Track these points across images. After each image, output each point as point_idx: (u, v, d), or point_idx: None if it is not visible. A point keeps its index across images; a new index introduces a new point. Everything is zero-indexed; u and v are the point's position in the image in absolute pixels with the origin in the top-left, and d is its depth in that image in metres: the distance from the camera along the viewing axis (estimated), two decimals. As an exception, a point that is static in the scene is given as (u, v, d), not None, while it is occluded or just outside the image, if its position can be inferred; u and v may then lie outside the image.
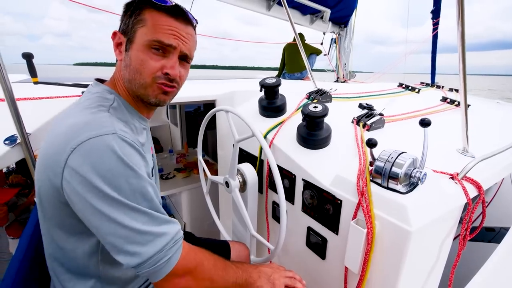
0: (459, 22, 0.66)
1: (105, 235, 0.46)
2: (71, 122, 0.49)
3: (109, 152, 0.45)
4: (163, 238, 0.49)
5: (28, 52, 1.13)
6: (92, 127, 0.47)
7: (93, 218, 0.46)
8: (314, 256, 0.85)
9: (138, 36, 0.54)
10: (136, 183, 0.48)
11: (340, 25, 2.92)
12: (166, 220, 0.51)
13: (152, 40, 0.53)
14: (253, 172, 0.99)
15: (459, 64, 0.72)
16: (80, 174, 0.44)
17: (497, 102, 1.83)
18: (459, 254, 0.71)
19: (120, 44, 0.57)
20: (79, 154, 0.44)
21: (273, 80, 1.08)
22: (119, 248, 0.47)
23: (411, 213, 0.59)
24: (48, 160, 0.48)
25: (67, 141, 0.46)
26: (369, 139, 0.66)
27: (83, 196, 0.45)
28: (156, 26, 0.53)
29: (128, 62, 0.55)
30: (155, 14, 0.54)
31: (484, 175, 0.75)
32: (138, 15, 0.54)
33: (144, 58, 0.54)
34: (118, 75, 0.59)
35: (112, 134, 0.47)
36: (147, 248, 0.47)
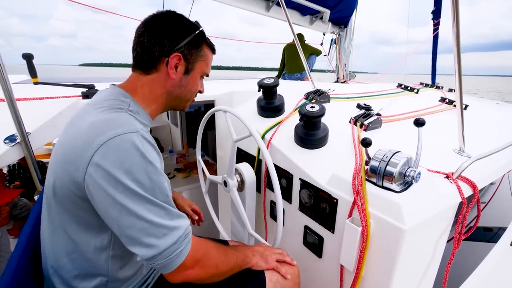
0: (454, 23, 0.67)
1: (123, 227, 0.49)
2: (94, 120, 0.53)
3: (133, 149, 0.49)
4: (177, 231, 0.52)
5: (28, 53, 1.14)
6: (117, 125, 0.51)
7: (112, 210, 0.49)
8: (310, 255, 0.86)
9: (198, 67, 0.68)
10: (156, 178, 0.51)
11: (340, 26, 2.93)
12: (178, 214, 0.55)
13: (206, 74, 0.72)
14: (251, 171, 1.00)
15: (454, 64, 0.72)
16: (104, 169, 0.47)
17: (496, 103, 1.83)
18: (454, 253, 0.72)
19: (177, 66, 0.65)
20: (105, 151, 0.48)
21: (271, 80, 1.09)
22: (136, 240, 0.49)
23: (405, 212, 0.60)
24: (70, 156, 0.50)
25: (93, 138, 0.49)
26: (363, 139, 0.67)
27: (105, 189, 0.48)
28: (209, 64, 0.72)
29: (184, 84, 0.68)
30: (209, 52, 0.70)
31: (479, 175, 0.75)
32: (199, 50, 0.67)
33: (197, 84, 0.71)
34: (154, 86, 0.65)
35: (135, 133, 0.51)
36: (163, 240, 0.50)
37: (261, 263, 0.72)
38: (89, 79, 1.67)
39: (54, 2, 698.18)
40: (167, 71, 0.64)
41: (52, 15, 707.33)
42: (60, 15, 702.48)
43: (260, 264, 0.72)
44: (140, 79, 0.65)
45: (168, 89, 0.66)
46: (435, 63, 2.93)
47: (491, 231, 1.41)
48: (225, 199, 1.38)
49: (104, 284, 0.60)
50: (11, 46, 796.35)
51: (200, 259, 0.57)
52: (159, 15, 0.64)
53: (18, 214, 1.51)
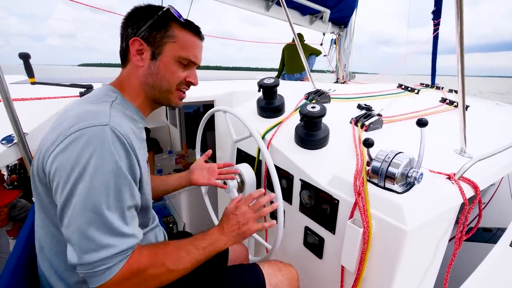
0: (457, 23, 0.66)
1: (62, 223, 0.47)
2: (72, 114, 0.51)
3: (96, 144, 0.46)
4: (108, 250, 0.46)
5: (25, 52, 1.13)
6: (89, 117, 0.48)
7: (59, 205, 0.47)
8: (311, 256, 0.86)
9: (168, 50, 0.60)
10: (113, 182, 0.47)
11: (340, 26, 2.92)
12: (121, 233, 0.48)
13: (183, 57, 0.62)
14: (251, 172, 1.00)
15: (457, 65, 0.72)
16: (60, 162, 0.46)
17: (496, 103, 1.83)
18: (455, 254, 0.71)
19: (141, 52, 0.60)
20: (68, 143, 0.46)
21: (271, 80, 1.08)
22: (67, 239, 0.47)
23: (407, 213, 0.60)
24: (43, 148, 0.50)
25: (63, 131, 0.48)
26: (366, 139, 0.66)
27: (57, 182, 0.46)
28: (186, 45, 0.62)
29: (155, 71, 0.61)
30: (183, 32, 0.61)
31: (481, 176, 0.75)
32: (166, 30, 0.60)
33: (173, 70, 0.62)
34: (130, 78, 0.62)
35: (105, 126, 0.48)
36: (87, 255, 0.46)
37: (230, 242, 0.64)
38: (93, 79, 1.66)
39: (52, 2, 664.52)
40: (133, 61, 0.61)
41: (51, 15, 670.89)
42: (59, 15, 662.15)
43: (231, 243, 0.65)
44: (122, 74, 0.64)
45: (141, 79, 0.62)
46: (435, 64, 2.93)
47: (490, 232, 1.40)
48: (225, 200, 1.38)
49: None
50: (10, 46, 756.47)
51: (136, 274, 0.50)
52: (132, 9, 0.62)
53: (17, 215, 1.50)
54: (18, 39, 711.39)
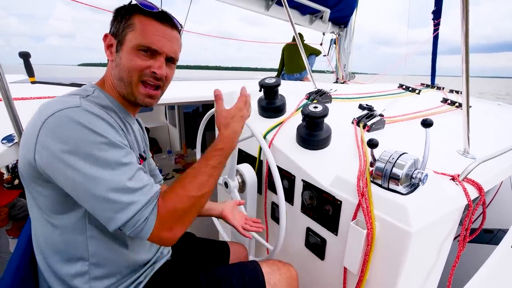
0: (463, 23, 0.66)
1: (82, 203, 0.49)
2: (43, 106, 0.52)
3: (73, 123, 0.48)
4: (134, 206, 0.49)
5: (25, 51, 1.11)
6: (59, 104, 0.50)
7: (69, 187, 0.49)
8: (313, 257, 0.85)
9: (128, 39, 0.58)
10: (108, 149, 0.49)
11: (340, 26, 2.92)
12: (139, 187, 0.51)
13: (140, 45, 0.58)
14: (252, 172, 0.99)
15: (462, 65, 0.71)
16: (50, 148, 0.47)
17: (498, 104, 1.83)
18: (459, 256, 0.71)
19: (111, 46, 0.61)
20: (47, 128, 0.47)
21: (272, 80, 1.07)
22: (96, 213, 0.49)
23: (411, 214, 0.59)
24: (23, 140, 0.51)
25: (38, 119, 0.49)
26: (370, 140, 0.65)
27: (56, 167, 0.47)
28: (144, 31, 0.58)
29: (118, 62, 0.59)
30: (143, 19, 0.58)
31: (484, 177, 0.74)
32: (128, 20, 0.58)
33: (132, 58, 0.58)
34: (107, 75, 0.63)
35: (77, 107, 0.50)
36: (120, 214, 0.48)
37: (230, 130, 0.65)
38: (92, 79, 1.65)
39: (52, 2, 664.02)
40: (106, 55, 0.62)
41: (50, 15, 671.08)
42: (59, 15, 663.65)
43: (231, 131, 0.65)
44: (104, 76, 0.64)
45: (111, 74, 0.61)
46: (435, 64, 2.93)
47: (491, 233, 1.40)
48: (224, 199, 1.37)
49: (85, 271, 0.58)
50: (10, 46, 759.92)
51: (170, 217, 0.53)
52: None
53: (16, 214, 1.48)
54: (18, 39, 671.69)
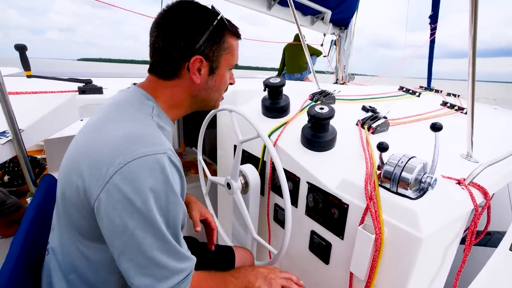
0: (471, 27, 0.65)
1: (125, 260, 0.45)
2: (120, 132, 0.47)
3: (159, 174, 0.44)
4: (179, 276, 0.48)
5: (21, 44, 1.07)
6: (145, 143, 0.46)
7: (118, 238, 0.44)
8: (317, 261, 0.84)
9: (224, 62, 0.59)
10: (174, 211, 0.47)
11: (341, 27, 2.92)
12: (186, 256, 0.50)
13: (233, 65, 0.61)
14: (255, 173, 0.97)
15: (468, 69, 0.71)
16: (123, 192, 0.43)
17: (494, 108, 1.85)
18: (464, 260, 0.70)
19: (200, 69, 0.57)
20: (128, 171, 0.43)
21: (277, 80, 1.06)
22: (133, 275, 0.45)
23: (421, 220, 0.58)
24: (89, 167, 0.45)
25: (118, 154, 0.44)
26: (380, 143, 0.64)
27: (119, 214, 0.43)
28: (235, 52, 0.61)
29: (212, 85, 0.60)
30: (234, 41, 0.60)
31: (489, 181, 0.74)
32: (223, 43, 0.57)
33: (226, 79, 0.62)
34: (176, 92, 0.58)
35: (163, 154, 0.46)
36: (161, 283, 0.45)
37: (264, 286, 0.65)
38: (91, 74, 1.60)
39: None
40: (190, 77, 0.56)
41: (50, 8, 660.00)
42: (59, 9, 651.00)
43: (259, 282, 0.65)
44: (160, 83, 0.58)
45: (192, 94, 0.60)
46: (431, 67, 2.97)
47: (489, 235, 1.42)
48: (225, 200, 1.35)
49: None
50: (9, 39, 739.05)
51: None
52: (170, 11, 0.54)
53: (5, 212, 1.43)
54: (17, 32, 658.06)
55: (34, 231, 0.62)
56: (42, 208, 0.67)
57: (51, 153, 1.75)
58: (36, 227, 0.64)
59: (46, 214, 0.68)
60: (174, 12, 0.54)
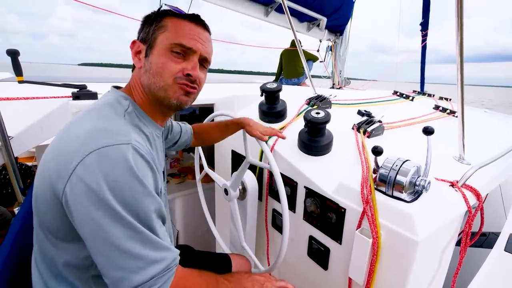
0: (458, 34, 0.67)
1: (96, 252, 0.44)
2: (87, 128, 0.47)
3: (121, 163, 0.43)
4: (156, 266, 0.45)
5: (14, 49, 1.06)
6: (109, 135, 0.46)
7: (89, 230, 0.43)
8: (315, 266, 0.83)
9: (159, 41, 0.55)
10: (143, 201, 0.45)
11: (336, 33, 2.98)
12: (164, 246, 0.48)
13: (173, 44, 0.54)
14: (253, 179, 0.97)
15: (457, 74, 0.72)
16: (87, 183, 0.42)
17: (484, 111, 1.89)
18: (461, 262, 0.71)
19: (139, 52, 0.57)
20: (90, 162, 0.42)
21: (274, 85, 1.07)
22: (106, 270, 0.44)
23: (417, 222, 0.58)
24: (56, 163, 0.45)
25: (81, 147, 0.44)
26: (375, 147, 0.65)
27: (84, 205, 0.42)
28: (178, 30, 0.55)
29: (148, 67, 0.56)
30: (176, 20, 0.56)
31: (481, 183, 0.75)
32: (159, 22, 0.56)
33: (164, 61, 0.54)
34: (135, 82, 0.59)
35: (127, 144, 0.45)
36: (136, 276, 0.43)
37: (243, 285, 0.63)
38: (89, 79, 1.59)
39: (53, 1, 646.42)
40: (134, 63, 0.59)
41: (51, 14, 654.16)
42: (60, 14, 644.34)
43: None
44: (130, 79, 0.60)
45: (141, 81, 0.58)
46: (424, 72, 3.04)
47: (484, 236, 1.42)
48: (223, 208, 1.34)
49: None
50: (9, 44, 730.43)
51: None
52: None
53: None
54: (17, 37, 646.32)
55: (21, 243, 0.60)
56: (30, 218, 0.66)
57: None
58: (24, 238, 0.61)
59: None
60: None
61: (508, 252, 0.75)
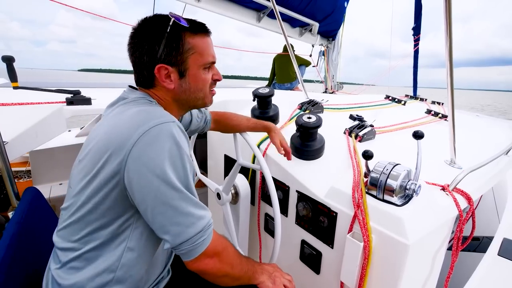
0: (447, 40, 0.69)
1: (156, 214, 0.52)
2: (133, 112, 0.55)
3: (171, 138, 0.52)
4: (202, 221, 0.55)
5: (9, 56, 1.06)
6: (157, 116, 0.54)
7: (149, 197, 0.51)
8: (308, 271, 0.83)
9: (191, 63, 0.61)
10: (188, 168, 0.54)
11: (328, 38, 3.02)
12: (202, 205, 0.57)
13: (205, 63, 0.63)
14: (246, 184, 0.97)
15: (447, 79, 0.74)
16: (146, 157, 0.50)
17: (476, 115, 1.93)
18: (452, 266, 0.71)
19: (168, 76, 0.61)
20: (147, 139, 0.50)
21: (266, 90, 1.07)
22: (167, 228, 0.52)
23: (408, 226, 0.59)
24: (112, 146, 0.51)
25: (136, 127, 0.51)
26: (365, 151, 0.66)
27: (146, 176, 0.50)
28: (204, 49, 0.62)
29: (187, 87, 0.63)
30: (196, 39, 0.61)
31: (472, 187, 0.77)
32: (182, 45, 0.59)
33: (202, 78, 0.64)
34: (162, 97, 0.64)
35: (173, 122, 0.54)
36: (190, 229, 0.53)
37: (268, 282, 0.68)
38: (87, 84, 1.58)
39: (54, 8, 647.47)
40: (162, 85, 0.61)
41: (52, 21, 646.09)
42: (60, 21, 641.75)
43: (267, 284, 0.67)
44: (148, 91, 0.64)
45: (174, 98, 0.64)
46: (416, 76, 3.10)
47: (478, 240, 1.44)
48: (216, 213, 1.32)
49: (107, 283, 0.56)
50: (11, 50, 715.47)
51: (220, 252, 0.59)
52: (134, 30, 0.59)
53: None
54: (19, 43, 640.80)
55: (16, 247, 0.59)
56: (24, 222, 0.65)
57: (36, 165, 1.69)
58: (19, 242, 0.61)
59: (29, 228, 0.65)
60: (136, 30, 0.59)
61: (501, 256, 0.76)
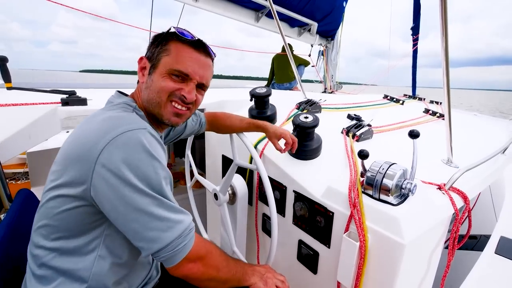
0: (443, 40, 0.69)
1: (129, 221, 0.51)
2: (103, 118, 0.54)
3: (139, 145, 0.51)
4: (181, 225, 0.54)
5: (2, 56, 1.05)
6: (126, 123, 0.53)
7: (120, 206, 0.50)
8: (305, 271, 0.83)
9: (162, 63, 0.61)
10: (160, 174, 0.53)
11: (327, 38, 3.02)
12: (181, 210, 0.56)
13: (174, 69, 0.60)
14: (243, 184, 0.97)
15: (443, 78, 0.74)
16: (112, 167, 0.48)
17: (474, 115, 1.93)
18: (449, 265, 0.71)
19: (144, 69, 0.63)
20: (114, 146, 0.49)
21: (263, 90, 1.07)
22: (141, 234, 0.51)
23: (403, 226, 0.59)
24: (79, 153, 0.50)
25: (102, 135, 0.50)
26: (361, 150, 0.66)
27: (113, 186, 0.49)
28: (179, 56, 0.60)
29: (149, 84, 0.62)
30: (179, 46, 0.61)
31: (468, 186, 0.76)
32: (164, 45, 0.61)
33: (164, 80, 0.61)
34: (138, 94, 0.65)
35: (143, 129, 0.53)
36: (168, 233, 0.52)
37: (260, 284, 0.67)
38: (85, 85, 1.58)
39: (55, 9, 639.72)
40: (139, 76, 0.64)
41: (53, 21, 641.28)
42: (61, 22, 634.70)
43: (259, 285, 0.67)
44: (135, 94, 0.66)
45: (141, 95, 0.64)
46: (415, 76, 3.10)
47: (475, 239, 1.44)
48: (214, 213, 1.33)
49: None
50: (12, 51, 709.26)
51: (203, 256, 0.58)
52: None
53: None
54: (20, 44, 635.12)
55: (7, 249, 0.59)
56: (16, 224, 0.64)
57: (34, 167, 1.69)
58: (10, 244, 0.61)
59: (21, 231, 0.65)
60: None
61: (499, 254, 0.76)
